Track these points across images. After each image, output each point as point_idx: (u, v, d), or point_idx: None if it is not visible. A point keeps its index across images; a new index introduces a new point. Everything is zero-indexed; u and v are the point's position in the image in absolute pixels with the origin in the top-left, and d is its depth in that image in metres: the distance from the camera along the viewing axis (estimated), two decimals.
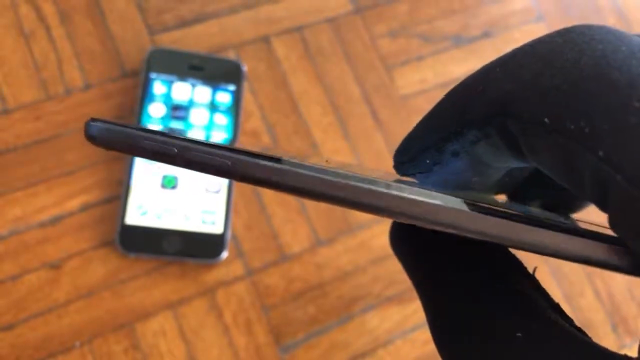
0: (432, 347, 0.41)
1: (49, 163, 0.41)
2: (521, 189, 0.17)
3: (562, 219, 0.15)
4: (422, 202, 0.11)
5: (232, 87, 0.44)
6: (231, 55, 0.45)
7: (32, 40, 0.43)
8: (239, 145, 0.16)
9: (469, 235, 0.11)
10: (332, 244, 0.43)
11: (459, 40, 0.50)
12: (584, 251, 0.12)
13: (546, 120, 0.11)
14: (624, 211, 0.10)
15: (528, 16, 0.52)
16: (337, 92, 0.46)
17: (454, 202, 0.11)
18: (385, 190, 0.11)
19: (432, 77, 0.48)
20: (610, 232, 0.12)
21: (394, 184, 0.11)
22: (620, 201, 0.10)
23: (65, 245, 0.39)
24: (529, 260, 0.15)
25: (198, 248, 0.40)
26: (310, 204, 0.43)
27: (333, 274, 0.42)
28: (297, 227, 0.43)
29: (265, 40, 0.46)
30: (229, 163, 0.12)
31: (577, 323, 0.46)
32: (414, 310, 0.43)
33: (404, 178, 0.15)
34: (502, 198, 0.18)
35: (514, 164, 0.13)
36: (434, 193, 0.11)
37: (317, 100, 0.46)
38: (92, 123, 0.12)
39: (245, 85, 0.44)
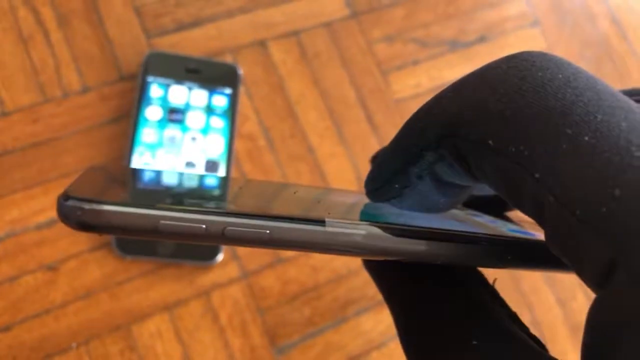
0: None
1: (46, 165, 0.41)
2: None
3: (496, 223, 0.16)
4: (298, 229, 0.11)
5: (228, 91, 0.44)
6: (228, 59, 0.45)
7: (30, 44, 0.43)
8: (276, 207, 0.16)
9: (364, 254, 0.12)
10: None
11: (455, 45, 0.50)
12: (458, 256, 0.13)
13: (490, 142, 0.12)
14: (555, 229, 0.11)
15: (523, 21, 0.52)
16: (333, 96, 0.47)
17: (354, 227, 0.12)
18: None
19: (427, 82, 0.49)
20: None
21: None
22: (551, 219, 0.11)
23: (62, 247, 0.40)
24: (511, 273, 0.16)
25: (194, 250, 0.40)
26: None
27: (328, 277, 0.43)
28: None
29: (262, 44, 0.47)
30: (268, 232, 0.11)
31: (570, 326, 0.46)
32: None
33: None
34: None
35: (469, 182, 0.14)
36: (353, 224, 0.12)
37: (314, 105, 0.46)
38: (66, 203, 0.10)
39: (242, 89, 0.45)
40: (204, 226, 0.11)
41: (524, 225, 0.18)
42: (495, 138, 0.12)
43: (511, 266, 0.14)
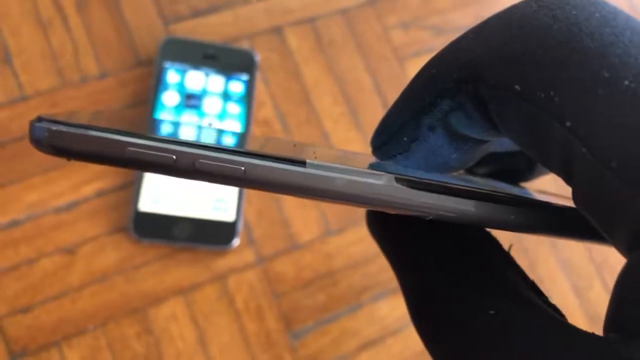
0: None
1: None
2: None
3: (513, 190, 0.15)
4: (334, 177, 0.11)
5: (245, 77, 0.44)
6: (244, 45, 0.46)
7: (49, 29, 0.43)
8: (249, 143, 0.15)
9: (380, 206, 0.11)
10: (343, 233, 0.43)
11: None
12: (495, 215, 0.12)
13: (517, 87, 0.11)
14: (586, 185, 0.10)
15: None
16: (348, 82, 0.47)
17: (370, 176, 0.11)
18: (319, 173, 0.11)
19: None
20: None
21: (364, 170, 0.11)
22: (583, 174, 0.10)
23: (80, 231, 0.40)
24: (524, 238, 0.15)
25: (210, 235, 0.41)
26: None
27: (343, 263, 0.43)
28: (308, 216, 0.43)
29: (278, 30, 0.47)
30: (243, 169, 0.10)
31: (586, 316, 0.46)
32: None
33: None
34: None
35: (488, 135, 0.13)
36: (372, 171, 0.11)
37: (329, 91, 0.46)
38: (37, 124, 0.10)
39: (258, 75, 0.45)
40: (173, 157, 0.10)
41: (543, 197, 0.17)
42: (522, 82, 0.10)
43: (536, 231, 0.13)
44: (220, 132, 0.17)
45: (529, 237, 0.45)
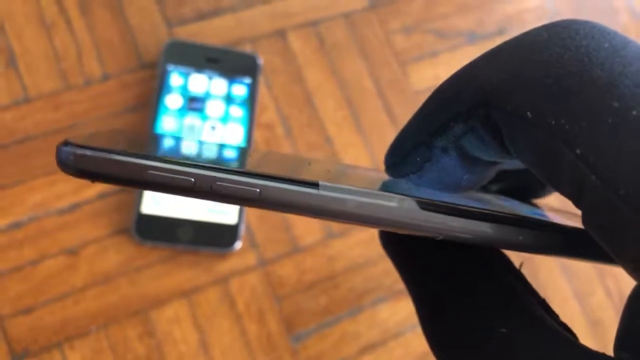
0: None
1: None
2: None
3: (523, 208, 0.15)
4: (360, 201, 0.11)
5: (247, 80, 0.44)
6: (247, 48, 0.46)
7: (53, 31, 0.44)
8: (264, 160, 0.15)
9: (401, 228, 0.12)
10: (345, 237, 0.43)
11: (474, 37, 0.50)
12: (510, 237, 0.12)
13: (528, 113, 0.11)
14: (595, 211, 0.10)
15: (542, 14, 0.52)
16: (351, 86, 0.47)
17: (396, 200, 0.11)
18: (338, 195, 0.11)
19: (446, 74, 0.49)
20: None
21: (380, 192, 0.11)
22: (592, 200, 0.10)
23: (83, 232, 0.40)
24: (532, 259, 0.15)
25: (212, 238, 0.41)
26: None
27: (345, 266, 0.43)
28: (310, 219, 0.43)
29: (281, 34, 0.47)
30: (258, 191, 0.11)
31: (587, 322, 0.46)
32: None
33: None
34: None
35: (500, 158, 0.13)
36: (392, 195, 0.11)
37: (332, 95, 0.46)
38: (64, 148, 0.10)
39: (261, 79, 0.45)
40: (192, 179, 0.10)
41: (553, 214, 0.17)
42: (533, 109, 0.11)
43: (545, 252, 0.13)
44: (237, 149, 0.17)
45: None
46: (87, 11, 0.44)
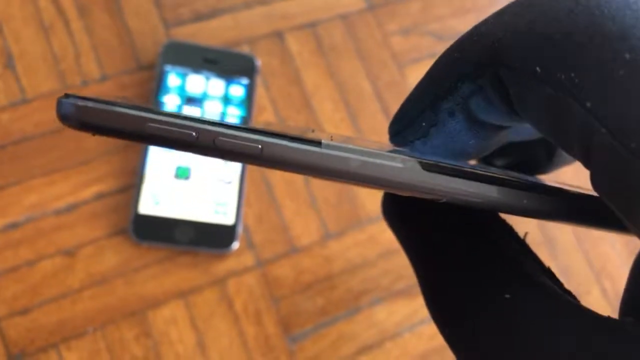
0: (439, 341, 0.42)
1: (65, 152, 0.41)
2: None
3: (530, 180, 0.15)
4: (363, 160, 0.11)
5: (245, 81, 0.44)
6: (245, 49, 0.46)
7: (51, 33, 0.44)
8: (267, 125, 0.16)
9: (402, 189, 0.11)
10: (342, 237, 0.43)
11: None
12: (518, 201, 0.12)
13: (538, 69, 0.11)
14: (604, 165, 0.10)
15: None
16: (349, 88, 0.47)
17: (398, 160, 0.11)
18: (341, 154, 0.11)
19: None
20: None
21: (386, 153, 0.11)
22: (601, 157, 0.10)
23: (80, 233, 0.40)
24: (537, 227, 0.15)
25: (210, 238, 0.41)
26: (320, 197, 0.44)
27: (342, 267, 0.43)
28: (307, 219, 0.43)
29: (279, 35, 0.47)
30: (260, 147, 0.10)
31: None
32: (422, 305, 0.43)
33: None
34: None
35: (507, 120, 0.13)
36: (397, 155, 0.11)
37: (329, 96, 0.46)
38: (65, 100, 0.10)
39: (259, 80, 0.45)
40: (194, 133, 0.10)
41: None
42: (543, 64, 0.10)
43: (553, 217, 0.13)
44: (239, 117, 0.17)
45: (530, 242, 0.45)
46: (85, 13, 0.44)
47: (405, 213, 0.15)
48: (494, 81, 0.12)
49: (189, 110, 0.16)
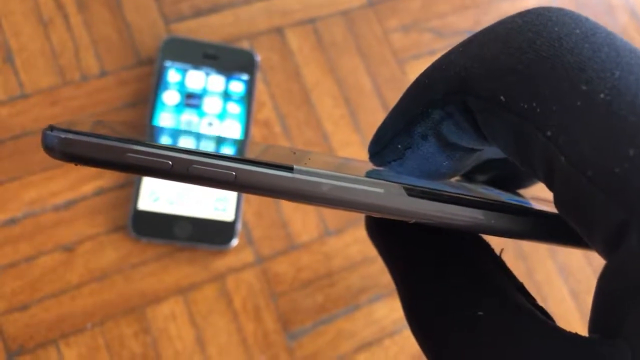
0: None
1: None
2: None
3: (502, 197, 0.16)
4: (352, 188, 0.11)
5: (245, 77, 0.44)
6: (245, 45, 0.46)
7: (50, 28, 0.43)
8: (249, 149, 0.16)
9: (387, 214, 0.12)
10: (341, 234, 0.43)
11: None
12: (501, 224, 0.12)
13: (502, 98, 0.11)
14: (565, 190, 0.10)
15: None
16: (349, 84, 0.47)
17: (381, 186, 0.12)
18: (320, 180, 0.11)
19: None
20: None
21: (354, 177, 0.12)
22: (562, 182, 0.10)
23: (79, 229, 0.40)
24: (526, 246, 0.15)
25: (209, 234, 0.41)
26: None
27: (341, 264, 0.43)
28: (306, 216, 0.43)
29: (279, 31, 0.47)
30: (234, 174, 0.11)
31: (583, 319, 0.46)
32: None
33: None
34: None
35: (477, 144, 0.13)
36: (379, 181, 0.12)
37: (329, 92, 0.46)
38: (49, 132, 0.11)
39: (258, 76, 0.45)
40: (170, 162, 0.11)
41: (538, 203, 0.17)
42: (506, 93, 0.11)
43: (521, 236, 0.13)
44: (221, 139, 0.18)
45: (527, 244, 0.45)
46: (84, 7, 0.44)
47: (386, 231, 0.15)
48: (461, 107, 0.12)
49: (187, 137, 0.17)
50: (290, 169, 0.11)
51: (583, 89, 0.10)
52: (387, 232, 0.15)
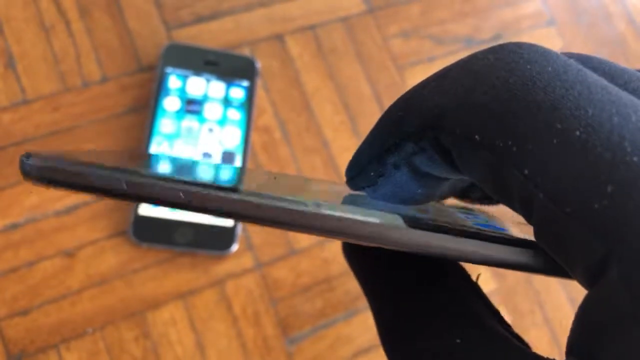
0: None
1: None
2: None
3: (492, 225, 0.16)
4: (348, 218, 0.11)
5: (245, 83, 0.44)
6: (246, 52, 0.46)
7: (52, 34, 0.44)
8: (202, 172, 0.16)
9: (386, 245, 0.12)
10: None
11: (470, 43, 0.50)
12: (492, 254, 0.12)
13: (477, 137, 0.11)
14: (545, 226, 0.11)
15: (539, 20, 0.52)
16: (348, 91, 0.47)
17: (378, 216, 0.12)
18: (309, 210, 0.11)
19: None
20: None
21: (324, 203, 0.12)
22: (541, 217, 0.11)
23: (80, 234, 0.40)
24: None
25: (209, 240, 0.41)
26: None
27: (340, 269, 0.43)
28: None
29: (279, 38, 0.47)
30: (181, 195, 0.11)
31: None
32: None
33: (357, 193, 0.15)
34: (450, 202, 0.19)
35: (452, 175, 0.13)
36: (373, 211, 0.12)
37: (329, 99, 0.47)
38: (26, 160, 0.11)
39: (259, 82, 0.45)
40: (124, 185, 0.11)
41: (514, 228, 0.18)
42: (481, 132, 0.11)
43: (499, 265, 0.13)
44: (197, 164, 0.18)
45: None
46: (86, 14, 0.45)
47: (362, 256, 0.15)
48: (435, 143, 0.12)
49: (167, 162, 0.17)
50: (235, 190, 0.11)
51: (558, 127, 0.10)
52: (362, 257, 0.15)
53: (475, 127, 0.11)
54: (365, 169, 0.14)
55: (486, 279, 0.45)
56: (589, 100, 0.10)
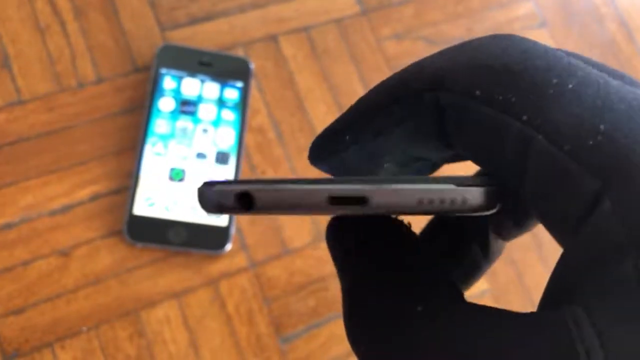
0: None
1: (60, 153, 0.42)
2: None
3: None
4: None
5: (239, 84, 0.45)
6: (240, 53, 0.46)
7: (47, 35, 0.44)
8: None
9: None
10: None
11: None
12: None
13: (477, 92, 0.12)
14: (541, 167, 0.11)
15: (531, 22, 0.53)
16: (342, 91, 0.47)
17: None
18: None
19: None
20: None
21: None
22: (538, 158, 0.11)
23: (75, 234, 0.41)
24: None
25: (203, 239, 0.41)
26: None
27: (333, 269, 0.43)
28: (299, 221, 0.44)
29: (273, 39, 0.47)
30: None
31: None
32: None
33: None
34: None
35: (430, 152, 0.14)
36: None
37: (323, 99, 0.47)
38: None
39: (253, 83, 0.46)
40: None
41: None
42: (482, 88, 0.12)
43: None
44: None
45: (517, 249, 0.46)
46: (81, 15, 0.45)
47: (336, 234, 0.15)
48: (431, 107, 0.13)
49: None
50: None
51: (554, 81, 0.11)
52: (336, 236, 0.15)
53: (476, 83, 0.12)
54: (342, 133, 0.14)
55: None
56: (577, 67, 0.12)
